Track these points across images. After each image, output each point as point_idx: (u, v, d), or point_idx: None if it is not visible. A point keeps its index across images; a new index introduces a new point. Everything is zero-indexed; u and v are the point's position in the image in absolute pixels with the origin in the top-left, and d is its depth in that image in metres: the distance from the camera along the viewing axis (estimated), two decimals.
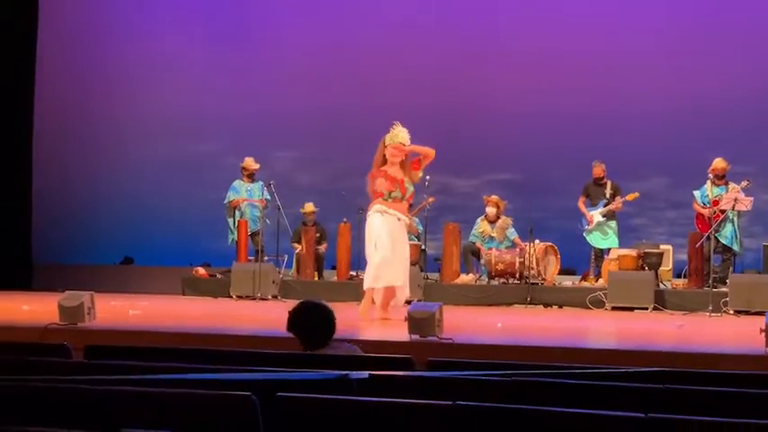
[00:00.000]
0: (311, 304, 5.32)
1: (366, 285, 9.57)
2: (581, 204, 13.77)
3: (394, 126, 9.61)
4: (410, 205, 10.05)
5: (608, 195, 13.60)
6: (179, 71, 16.58)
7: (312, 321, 5.22)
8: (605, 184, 13.67)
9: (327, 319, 5.23)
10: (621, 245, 13.51)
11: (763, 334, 6.67)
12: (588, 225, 13.62)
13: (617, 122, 15.06)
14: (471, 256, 13.95)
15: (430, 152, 9.71)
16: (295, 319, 5.23)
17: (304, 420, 3.71)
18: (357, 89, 15.83)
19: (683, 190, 13.86)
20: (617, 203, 13.52)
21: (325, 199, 14.95)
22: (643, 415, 3.45)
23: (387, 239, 9.45)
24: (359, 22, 16.17)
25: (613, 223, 13.63)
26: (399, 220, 9.58)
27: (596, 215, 13.55)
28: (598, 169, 13.70)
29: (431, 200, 13.81)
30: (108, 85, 16.68)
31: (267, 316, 9.87)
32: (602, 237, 13.62)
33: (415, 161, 9.68)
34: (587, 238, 13.69)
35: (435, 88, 15.64)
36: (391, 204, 9.56)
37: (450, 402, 3.62)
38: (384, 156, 9.59)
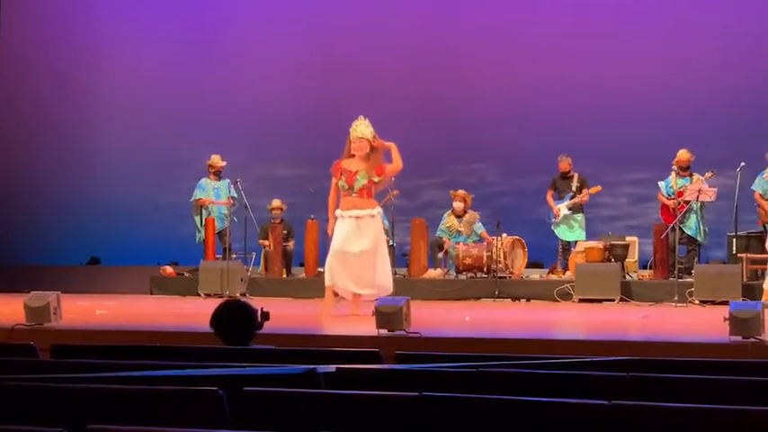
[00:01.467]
0: (234, 303, 5.38)
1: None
2: (549, 198, 13.84)
3: (357, 119, 9.56)
4: (367, 195, 9.55)
5: (574, 188, 13.68)
6: (147, 71, 16.50)
7: (234, 321, 5.22)
8: (572, 177, 13.75)
9: (249, 319, 5.23)
10: (589, 237, 13.60)
11: (727, 323, 6.75)
12: (555, 218, 13.70)
13: (585, 115, 15.13)
14: (439, 250, 13.99)
15: (398, 162, 9.57)
16: (218, 317, 5.23)
17: (271, 414, 3.72)
18: (327, 90, 15.81)
19: (648, 181, 13.96)
20: (583, 196, 13.60)
21: (293, 196, 14.94)
22: (607, 402, 3.48)
23: (337, 242, 9.40)
24: (330, 26, 16.18)
25: (579, 216, 13.71)
26: (358, 218, 9.41)
27: (563, 208, 13.63)
28: (564, 163, 13.77)
29: (395, 192, 13.76)
30: (74, 84, 16.59)
31: None
32: (569, 229, 13.70)
33: (382, 165, 9.54)
34: (554, 231, 13.76)
35: (404, 85, 15.66)
36: (344, 202, 9.50)
37: (416, 393, 3.64)
38: (350, 149, 9.53)
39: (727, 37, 14.88)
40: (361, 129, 9.47)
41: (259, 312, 5.28)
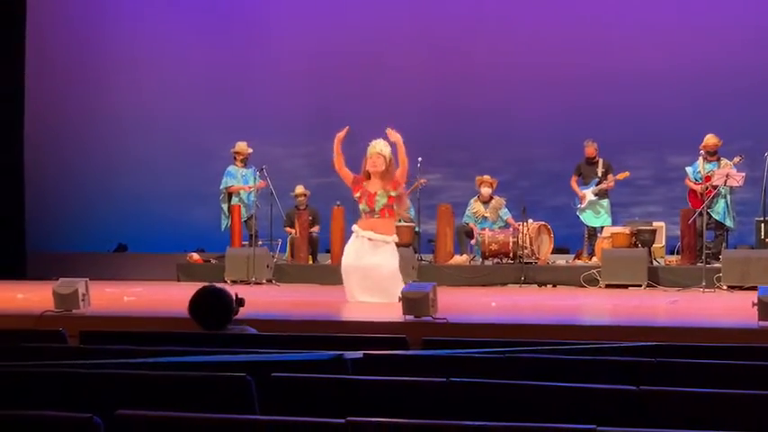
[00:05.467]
0: (211, 289, 5.39)
1: None
2: (573, 183, 13.78)
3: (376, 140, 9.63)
4: (389, 214, 9.60)
5: (600, 174, 13.61)
6: (174, 60, 16.53)
7: (211, 306, 5.30)
8: (597, 162, 13.68)
9: (225, 304, 5.30)
10: (615, 222, 13.53)
11: (756, 308, 6.71)
12: (580, 204, 13.64)
13: (610, 99, 15.04)
14: (465, 236, 13.97)
15: (403, 160, 9.58)
16: (195, 303, 5.30)
17: (299, 400, 3.73)
18: (351, 74, 15.82)
19: (675, 166, 13.88)
20: (609, 182, 13.53)
21: (319, 182, 14.94)
22: (635, 388, 3.47)
23: (348, 259, 9.54)
24: (352, 11, 16.18)
25: (605, 201, 13.64)
26: (371, 240, 9.46)
27: (588, 194, 13.57)
28: (590, 148, 13.70)
29: (423, 181, 13.82)
30: (102, 70, 16.62)
31: (261, 300, 9.88)
32: (595, 215, 13.64)
33: (395, 179, 9.55)
34: (580, 217, 13.71)
35: (426, 71, 15.63)
36: (363, 222, 9.58)
37: (444, 379, 3.64)
38: (367, 168, 9.60)
39: (756, 19, 14.73)
40: (380, 146, 9.54)
41: (234, 298, 5.35)
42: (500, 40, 15.56)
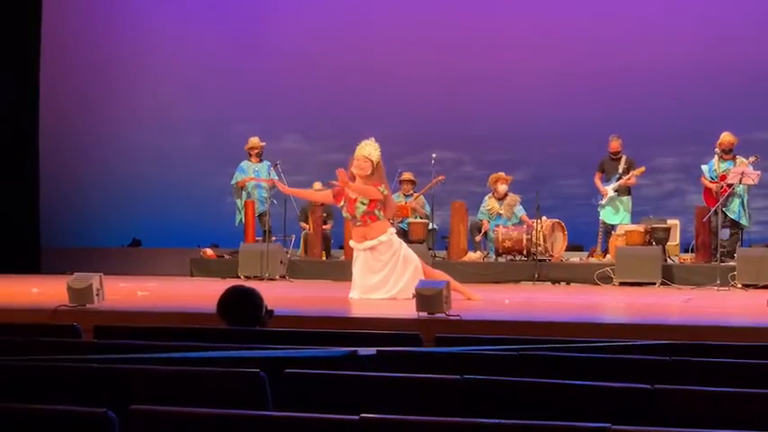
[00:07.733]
0: (242, 289, 5.27)
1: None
2: (597, 180, 13.69)
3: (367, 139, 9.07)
4: (372, 219, 9.06)
5: (621, 170, 13.52)
6: (189, 58, 16.57)
7: (241, 306, 5.18)
8: (620, 158, 13.58)
9: (256, 305, 5.19)
10: (634, 219, 13.45)
11: None
12: (602, 200, 13.56)
13: (630, 95, 15.00)
14: (478, 233, 13.96)
15: (364, 189, 9.02)
16: (224, 302, 5.18)
17: (312, 397, 3.73)
18: (364, 69, 15.82)
19: (691, 164, 13.83)
20: (629, 179, 13.44)
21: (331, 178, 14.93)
22: (650, 386, 3.46)
23: (357, 279, 9.25)
24: (367, 9, 16.21)
25: (626, 199, 13.52)
26: (372, 248, 9.07)
27: (610, 190, 13.50)
28: (615, 143, 13.58)
29: (441, 178, 13.81)
30: (115, 66, 16.68)
31: (275, 296, 9.87)
32: (614, 212, 13.56)
33: (378, 183, 8.96)
34: (601, 214, 13.61)
35: (440, 67, 15.61)
36: (354, 234, 9.23)
37: (458, 377, 3.63)
38: (351, 170, 9.03)
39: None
40: (368, 149, 8.98)
41: (264, 310, 5.23)
42: (516, 37, 15.52)
